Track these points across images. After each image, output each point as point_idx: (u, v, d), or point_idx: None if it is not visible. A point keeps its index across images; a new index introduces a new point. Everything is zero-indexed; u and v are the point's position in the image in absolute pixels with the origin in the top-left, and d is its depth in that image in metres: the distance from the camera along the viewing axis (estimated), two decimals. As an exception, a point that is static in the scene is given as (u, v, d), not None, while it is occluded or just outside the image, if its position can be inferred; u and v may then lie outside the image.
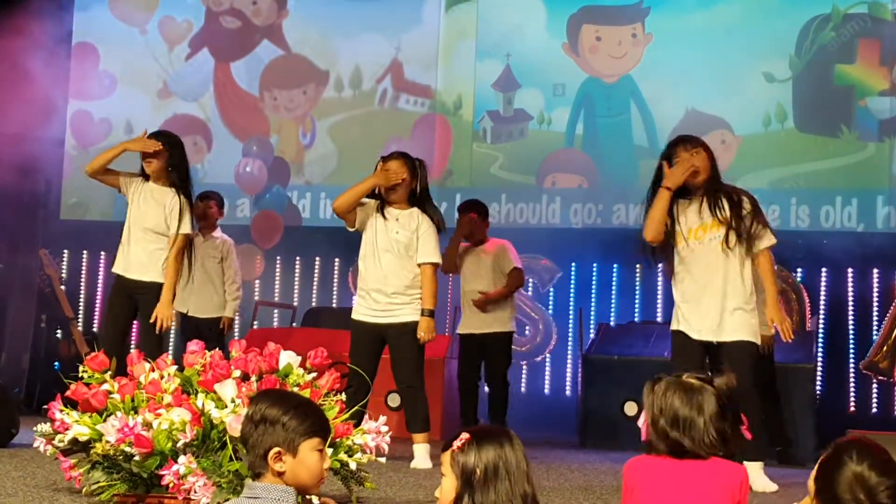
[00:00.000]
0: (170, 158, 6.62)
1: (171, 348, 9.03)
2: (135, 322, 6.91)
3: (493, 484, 2.64)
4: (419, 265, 6.39)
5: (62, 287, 9.80)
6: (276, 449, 2.86)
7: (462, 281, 8.07)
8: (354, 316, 6.49)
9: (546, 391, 9.96)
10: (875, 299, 9.25)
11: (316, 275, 10.74)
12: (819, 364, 8.83)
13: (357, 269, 6.64)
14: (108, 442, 4.24)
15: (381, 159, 6.50)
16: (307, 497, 3.05)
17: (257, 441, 2.88)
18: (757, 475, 5.64)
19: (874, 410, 9.14)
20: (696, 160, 5.79)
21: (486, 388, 8.10)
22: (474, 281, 7.97)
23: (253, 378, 4.40)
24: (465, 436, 2.70)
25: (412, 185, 6.42)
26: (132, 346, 7.10)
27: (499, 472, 2.65)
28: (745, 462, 5.79)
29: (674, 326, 5.90)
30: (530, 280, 9.80)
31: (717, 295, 5.74)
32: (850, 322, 9.34)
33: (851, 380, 9.26)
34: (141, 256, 6.60)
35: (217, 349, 4.61)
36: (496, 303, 7.90)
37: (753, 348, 5.80)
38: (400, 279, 6.37)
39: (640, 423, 3.12)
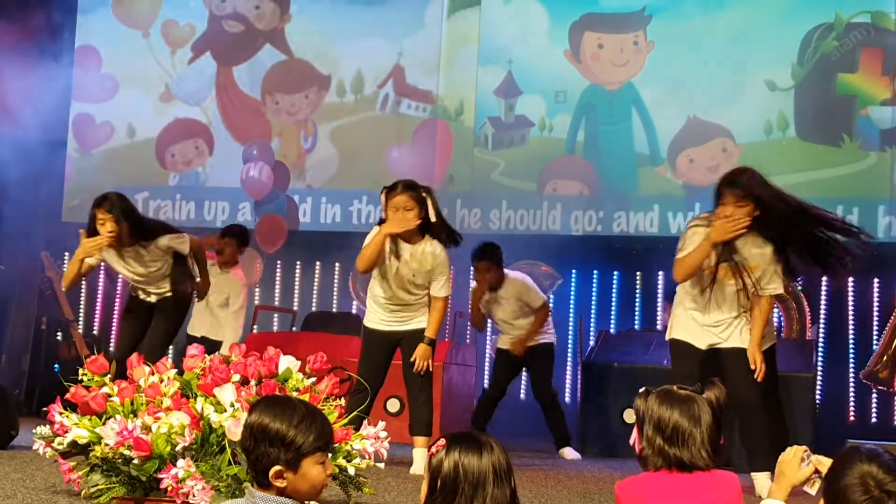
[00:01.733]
0: (125, 225, 6.62)
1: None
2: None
3: (455, 491, 2.61)
4: (432, 296, 6.39)
5: (63, 289, 9.81)
6: (278, 468, 2.80)
7: (492, 317, 8.18)
8: (368, 324, 6.52)
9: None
10: (875, 309, 9.25)
11: (316, 279, 10.74)
12: (819, 373, 8.84)
13: (356, 273, 6.65)
14: (107, 445, 4.24)
15: (384, 192, 6.24)
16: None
17: (258, 458, 2.80)
18: (765, 485, 5.62)
19: (874, 420, 9.14)
20: (741, 215, 5.63)
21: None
22: (502, 314, 8.08)
23: (252, 382, 4.40)
24: (441, 441, 2.68)
25: (421, 216, 6.21)
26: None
27: (458, 480, 2.61)
28: (753, 472, 5.80)
29: (676, 335, 5.92)
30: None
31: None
32: (850, 331, 9.34)
33: (851, 389, 9.25)
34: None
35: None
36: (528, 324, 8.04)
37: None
38: (413, 302, 6.43)
39: (632, 439, 3.10)
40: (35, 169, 10.54)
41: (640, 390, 3.11)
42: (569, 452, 7.91)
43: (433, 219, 6.24)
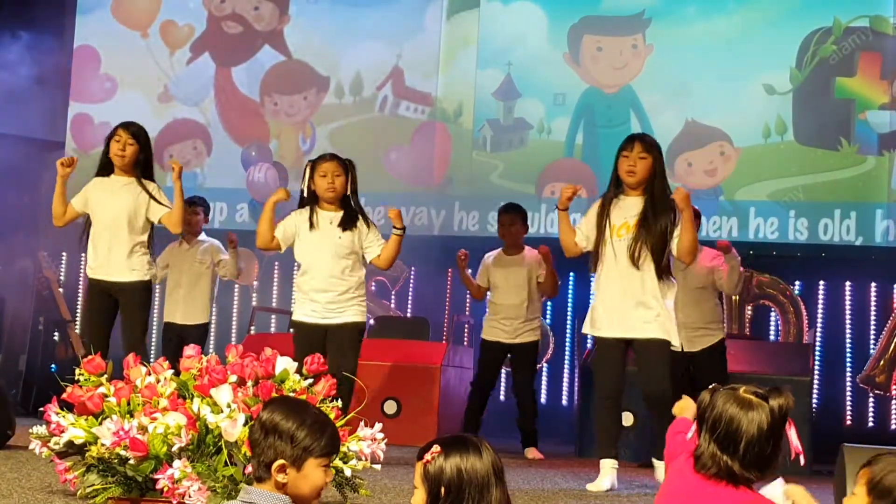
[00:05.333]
0: (137, 147, 6.71)
1: (152, 354, 9.03)
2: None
3: (461, 496, 2.60)
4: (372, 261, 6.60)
5: (60, 289, 9.81)
6: (281, 462, 2.81)
7: (493, 291, 8.08)
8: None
9: (543, 400, 9.95)
10: (873, 313, 9.25)
11: (314, 281, 10.72)
12: (815, 377, 8.84)
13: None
14: (103, 445, 4.24)
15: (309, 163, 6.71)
16: None
17: (264, 449, 2.82)
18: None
19: (870, 424, 9.14)
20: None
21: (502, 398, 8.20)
22: (504, 285, 8.02)
23: (249, 383, 4.40)
24: (435, 448, 2.66)
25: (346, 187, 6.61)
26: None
27: (463, 485, 2.61)
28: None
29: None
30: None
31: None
32: (848, 335, 9.34)
33: (848, 393, 9.26)
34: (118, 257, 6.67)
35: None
36: (529, 311, 7.97)
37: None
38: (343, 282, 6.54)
39: (691, 432, 2.94)
40: (33, 169, 10.54)
41: (710, 386, 2.94)
42: (533, 452, 7.87)
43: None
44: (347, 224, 6.57)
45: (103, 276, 6.69)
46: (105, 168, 6.75)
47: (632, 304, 5.93)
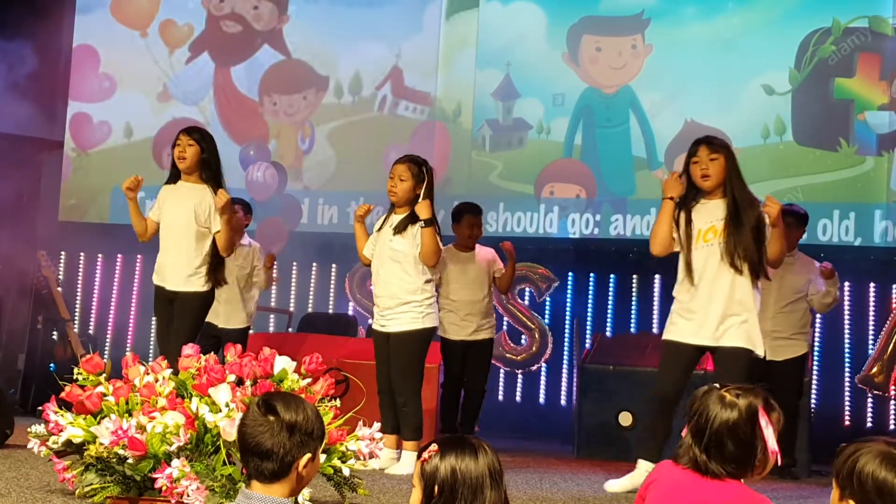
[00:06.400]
0: (199, 148, 6.66)
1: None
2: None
3: (454, 496, 2.61)
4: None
5: (59, 289, 9.81)
6: (309, 455, 2.79)
7: (447, 287, 7.85)
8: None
9: (541, 400, 9.96)
10: (871, 313, 9.24)
11: (312, 280, 10.73)
12: (814, 378, 8.84)
13: (352, 274, 6.70)
14: (101, 444, 4.24)
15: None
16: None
17: (290, 449, 2.78)
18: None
19: (869, 425, 9.14)
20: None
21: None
22: (462, 280, 7.84)
23: (248, 383, 4.41)
24: (433, 447, 2.67)
25: (417, 190, 6.48)
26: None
27: (457, 485, 2.61)
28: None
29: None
30: (527, 289, 9.80)
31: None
32: (846, 336, 9.34)
33: (846, 394, 9.25)
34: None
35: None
36: (485, 308, 7.84)
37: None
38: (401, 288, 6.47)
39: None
40: (32, 168, 10.53)
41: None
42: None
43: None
44: (401, 228, 6.48)
45: (160, 282, 6.64)
46: (174, 176, 6.72)
47: (718, 312, 5.68)
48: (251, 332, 8.57)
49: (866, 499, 2.64)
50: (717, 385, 2.98)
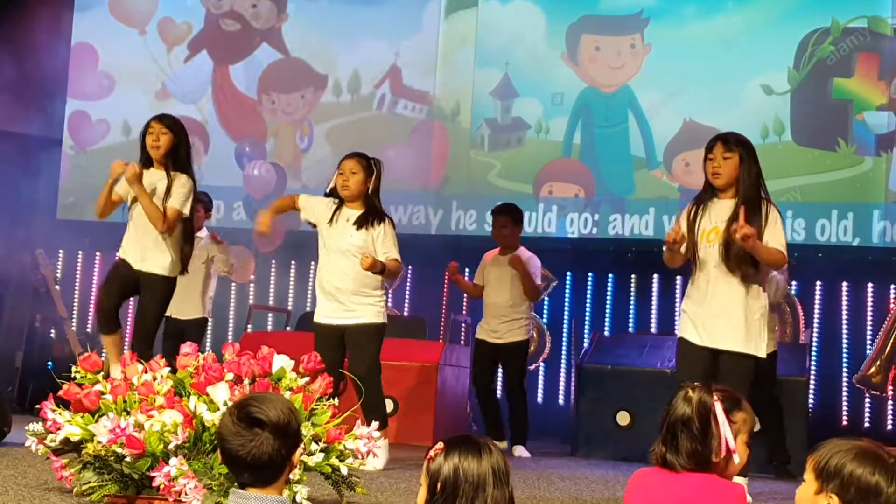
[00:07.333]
0: (171, 136, 6.58)
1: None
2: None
3: (456, 493, 2.62)
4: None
5: (57, 287, 9.80)
6: (301, 445, 2.83)
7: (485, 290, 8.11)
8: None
9: (539, 400, 9.97)
10: (869, 313, 9.25)
11: (311, 279, 10.72)
12: (812, 377, 8.83)
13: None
14: (99, 442, 4.24)
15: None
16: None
17: (290, 449, 2.78)
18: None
19: (867, 425, 9.15)
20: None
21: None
22: (497, 283, 8.03)
23: (246, 381, 4.40)
24: (438, 446, 2.69)
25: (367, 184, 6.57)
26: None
27: (458, 483, 2.63)
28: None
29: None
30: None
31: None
32: (844, 336, 9.35)
33: (844, 393, 9.26)
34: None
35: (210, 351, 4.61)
36: (514, 311, 7.99)
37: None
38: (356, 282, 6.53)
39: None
40: (30, 166, 10.52)
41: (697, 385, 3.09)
42: (519, 450, 7.88)
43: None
44: (363, 223, 6.51)
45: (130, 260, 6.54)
46: (146, 163, 6.66)
47: (717, 313, 5.56)
48: (249, 330, 8.56)
49: (847, 494, 2.66)
50: (690, 384, 3.07)
